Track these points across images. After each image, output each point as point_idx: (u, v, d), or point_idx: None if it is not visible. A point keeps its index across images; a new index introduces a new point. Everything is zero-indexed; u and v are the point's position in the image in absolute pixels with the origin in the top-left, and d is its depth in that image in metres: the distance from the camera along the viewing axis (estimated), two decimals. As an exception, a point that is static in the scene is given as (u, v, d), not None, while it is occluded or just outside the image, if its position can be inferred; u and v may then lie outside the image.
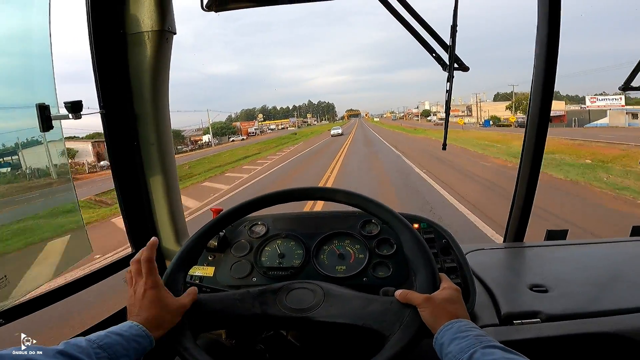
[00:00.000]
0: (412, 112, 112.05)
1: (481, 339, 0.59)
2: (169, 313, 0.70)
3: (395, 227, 0.80)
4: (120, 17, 1.05)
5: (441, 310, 0.66)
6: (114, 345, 0.60)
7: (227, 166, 18.78)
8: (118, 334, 0.62)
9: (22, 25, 1.11)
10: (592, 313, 0.89)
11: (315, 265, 1.00)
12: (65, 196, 1.28)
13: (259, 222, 1.10)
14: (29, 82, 1.15)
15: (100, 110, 1.04)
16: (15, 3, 1.11)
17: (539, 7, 1.17)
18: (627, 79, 1.23)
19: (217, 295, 0.83)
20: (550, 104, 1.21)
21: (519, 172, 1.32)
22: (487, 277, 1.04)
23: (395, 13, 1.11)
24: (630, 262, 1.13)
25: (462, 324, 0.64)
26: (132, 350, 0.62)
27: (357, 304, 0.75)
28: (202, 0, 1.13)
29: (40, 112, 0.93)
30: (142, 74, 1.06)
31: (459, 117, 58.57)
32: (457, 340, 0.60)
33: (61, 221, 1.23)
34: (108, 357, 0.59)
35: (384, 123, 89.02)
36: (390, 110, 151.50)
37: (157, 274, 0.73)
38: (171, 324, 0.70)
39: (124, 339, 0.62)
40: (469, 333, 0.61)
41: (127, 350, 0.61)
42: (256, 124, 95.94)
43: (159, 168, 1.14)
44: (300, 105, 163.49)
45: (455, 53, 1.10)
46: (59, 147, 1.24)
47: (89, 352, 0.57)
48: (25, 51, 1.13)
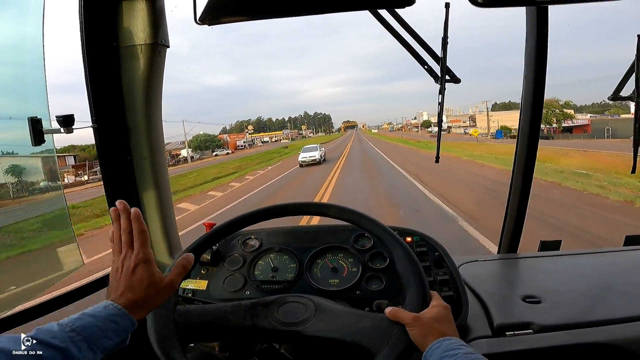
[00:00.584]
0: (411, 123, 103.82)
1: (470, 357, 0.60)
2: (158, 292, 0.66)
3: (387, 242, 0.80)
4: (113, 29, 1.05)
5: (429, 329, 0.67)
6: (88, 328, 0.58)
7: (183, 193, 13.79)
8: (91, 315, 0.59)
9: (15, 34, 1.11)
10: (584, 323, 0.89)
11: (308, 278, 1.01)
12: (56, 208, 1.27)
13: (253, 236, 1.11)
14: (21, 92, 1.15)
15: (93, 125, 1.04)
16: (8, 13, 1.11)
17: (527, 19, 1.19)
18: (616, 89, 1.25)
19: (208, 307, 0.83)
20: (541, 115, 1.23)
21: (511, 184, 1.33)
22: (480, 289, 1.04)
23: (388, 26, 1.13)
24: (622, 272, 1.14)
25: (451, 342, 0.64)
26: (111, 331, 0.59)
27: (347, 320, 0.75)
28: (195, 14, 1.13)
29: (32, 125, 0.93)
30: (135, 88, 1.06)
31: (473, 128, 52.71)
32: (445, 358, 0.61)
33: (51, 233, 1.23)
34: (84, 339, 0.56)
35: (382, 135, 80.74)
36: (387, 121, 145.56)
37: (149, 246, 0.69)
38: (157, 303, 0.67)
39: (98, 320, 0.59)
40: (458, 351, 0.61)
41: (104, 331, 0.59)
42: (246, 136, 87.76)
43: (152, 182, 1.14)
44: (296, 116, 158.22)
45: (446, 65, 1.12)
46: (50, 159, 1.24)
47: (62, 337, 0.55)
48: (18, 61, 1.13)
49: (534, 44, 1.18)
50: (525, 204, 1.32)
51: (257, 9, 1.02)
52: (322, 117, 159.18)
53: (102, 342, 0.58)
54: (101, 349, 0.58)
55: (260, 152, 43.74)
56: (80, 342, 0.56)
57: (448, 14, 1.11)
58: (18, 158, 1.30)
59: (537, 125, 1.24)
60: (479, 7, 0.94)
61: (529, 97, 1.22)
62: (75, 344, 0.55)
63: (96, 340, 0.58)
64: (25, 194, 1.40)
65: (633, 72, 1.17)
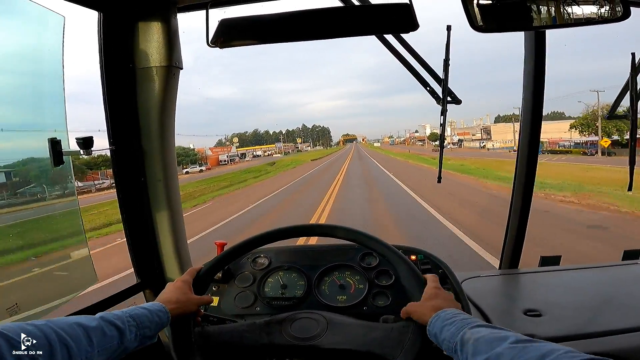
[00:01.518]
0: (415, 137, 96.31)
1: (467, 321, 0.67)
2: (187, 300, 0.82)
3: (392, 260, 0.84)
4: (129, 50, 1.08)
5: (426, 308, 0.75)
6: (141, 316, 0.72)
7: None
8: (145, 308, 0.74)
9: (36, 51, 1.15)
10: (582, 335, 0.93)
11: (317, 295, 1.04)
12: (71, 223, 1.30)
13: (262, 254, 1.14)
14: (39, 104, 1.18)
15: (110, 147, 1.07)
16: (30, 29, 1.14)
17: (526, 43, 1.24)
18: (611, 107, 1.29)
19: (224, 327, 0.87)
20: (539, 135, 1.27)
21: (512, 202, 1.37)
22: (483, 304, 1.07)
23: (392, 49, 1.17)
24: (620, 286, 1.18)
25: (447, 312, 0.71)
26: (154, 323, 0.73)
27: (359, 332, 0.80)
28: (207, 36, 1.18)
29: (52, 146, 0.96)
30: (150, 110, 1.10)
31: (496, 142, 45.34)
32: (446, 327, 0.68)
33: (67, 250, 1.25)
34: (136, 325, 0.70)
35: (385, 149, 70.68)
36: (388, 135, 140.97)
37: (190, 279, 0.86)
38: (186, 306, 0.81)
39: (149, 312, 0.74)
40: (455, 318, 0.69)
41: (150, 322, 0.73)
42: (233, 149, 75.78)
43: (165, 203, 1.17)
44: (294, 129, 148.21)
45: (448, 86, 1.16)
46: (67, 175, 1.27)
47: (123, 319, 0.69)
48: (38, 76, 1.17)
49: (532, 66, 1.22)
50: (526, 221, 1.36)
51: (266, 34, 1.06)
52: (320, 130, 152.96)
53: (145, 332, 0.71)
54: (141, 337, 0.71)
55: (242, 169, 36.18)
56: (133, 326, 0.70)
57: (450, 36, 1.16)
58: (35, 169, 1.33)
59: (536, 144, 1.28)
60: (480, 32, 0.99)
61: (527, 117, 1.26)
62: (130, 328, 0.69)
63: (143, 328, 0.71)
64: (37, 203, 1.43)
65: (627, 90, 1.21)
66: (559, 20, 1.01)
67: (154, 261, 1.21)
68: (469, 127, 72.08)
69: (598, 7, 0.96)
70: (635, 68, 1.19)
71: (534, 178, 1.30)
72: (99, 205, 13.47)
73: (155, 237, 1.19)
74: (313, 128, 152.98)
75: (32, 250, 1.14)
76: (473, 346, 0.61)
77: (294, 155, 77.39)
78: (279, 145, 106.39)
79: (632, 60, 1.18)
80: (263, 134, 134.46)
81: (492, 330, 0.62)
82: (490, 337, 0.60)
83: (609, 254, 4.87)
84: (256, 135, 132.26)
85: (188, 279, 0.86)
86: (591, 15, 0.99)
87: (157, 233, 1.19)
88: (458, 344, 0.63)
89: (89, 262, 1.18)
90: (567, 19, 1.00)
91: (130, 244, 1.17)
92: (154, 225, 1.18)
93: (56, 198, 1.30)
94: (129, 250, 1.18)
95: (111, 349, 0.66)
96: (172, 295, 0.81)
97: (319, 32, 1.03)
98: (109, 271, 5.16)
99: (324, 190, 14.01)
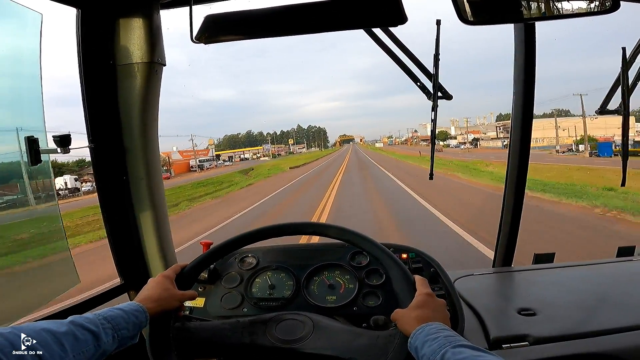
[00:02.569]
0: (418, 136, 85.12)
1: (450, 340, 0.63)
2: (169, 296, 0.79)
3: (383, 261, 0.82)
4: (109, 47, 1.06)
5: (411, 318, 0.71)
6: (116, 318, 0.69)
7: None
8: (119, 309, 0.71)
9: (13, 49, 1.12)
10: (578, 334, 0.91)
11: (305, 295, 1.01)
12: (50, 223, 1.27)
13: (249, 254, 1.12)
14: (17, 104, 1.15)
15: (89, 145, 1.04)
16: (6, 27, 1.12)
17: (515, 36, 1.23)
18: (603, 102, 1.28)
19: (206, 324, 0.85)
20: (530, 131, 1.26)
21: (504, 200, 1.35)
22: (476, 303, 1.05)
23: (381, 43, 1.15)
24: (614, 283, 1.16)
25: (432, 327, 0.67)
26: (131, 324, 0.70)
27: (344, 338, 0.77)
28: (191, 32, 1.15)
29: (29, 145, 0.93)
30: (132, 107, 1.07)
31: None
32: (428, 342, 0.64)
33: (46, 249, 1.22)
34: (112, 327, 0.67)
35: (389, 151, 57.99)
36: (387, 135, 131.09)
37: (173, 274, 0.84)
38: (168, 303, 0.78)
39: (124, 313, 0.71)
40: (439, 334, 0.65)
41: (127, 323, 0.70)
42: (211, 152, 61.58)
43: (149, 202, 1.14)
44: (289, 130, 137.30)
45: (439, 82, 1.14)
46: (45, 174, 1.23)
47: (95, 322, 0.66)
48: (15, 74, 1.14)
49: (523, 59, 1.21)
50: (518, 219, 1.34)
51: (252, 29, 1.04)
52: (316, 131, 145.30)
53: (122, 333, 0.69)
54: (119, 339, 0.68)
55: (194, 181, 26.13)
56: (108, 329, 0.67)
57: (439, 31, 1.14)
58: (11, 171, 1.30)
59: (528, 140, 1.27)
60: (469, 25, 0.97)
61: (518, 113, 1.25)
62: (105, 330, 0.66)
63: (120, 330, 0.68)
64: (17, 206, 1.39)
65: (619, 85, 1.20)
66: (548, 12, 1.00)
67: (137, 261, 1.18)
68: (486, 125, 67.25)
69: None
70: (627, 62, 1.18)
71: (526, 174, 1.29)
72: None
73: (138, 236, 1.17)
74: (308, 129, 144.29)
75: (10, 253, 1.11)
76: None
77: (282, 159, 64.07)
78: (267, 147, 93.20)
79: (622, 55, 1.17)
80: (256, 135, 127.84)
81: (474, 353, 0.59)
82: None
83: None
84: (249, 137, 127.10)
85: (171, 274, 0.84)
86: (580, 7, 0.98)
87: (141, 232, 1.16)
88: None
89: (69, 263, 1.15)
90: (556, 11, 0.99)
91: (112, 243, 1.15)
92: (138, 224, 1.15)
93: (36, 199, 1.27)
94: (111, 251, 1.15)
95: (88, 352, 0.63)
96: (153, 292, 0.78)
97: (306, 27, 1.01)
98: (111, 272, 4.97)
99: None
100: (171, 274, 0.84)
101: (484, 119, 61.66)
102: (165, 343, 0.76)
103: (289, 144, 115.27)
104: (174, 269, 0.85)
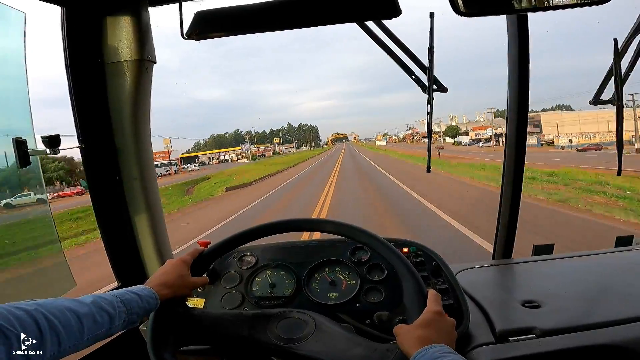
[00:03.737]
0: (419, 133, 74.44)
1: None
2: (182, 283, 0.80)
3: (385, 255, 0.80)
4: (97, 45, 1.04)
5: (413, 338, 0.65)
6: (132, 302, 0.70)
7: None
8: (135, 293, 0.72)
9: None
10: (585, 326, 0.90)
11: (307, 293, 1.00)
12: (43, 226, 1.24)
13: (248, 252, 1.10)
14: (3, 107, 1.12)
15: (80, 145, 1.02)
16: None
17: (508, 28, 1.23)
18: (596, 92, 1.29)
19: (210, 312, 0.85)
20: (526, 123, 1.26)
21: (502, 192, 1.35)
22: (479, 296, 1.04)
23: (375, 37, 1.14)
24: (616, 274, 1.16)
25: (436, 349, 0.61)
26: (143, 309, 0.72)
27: (342, 345, 0.75)
28: (182, 29, 1.14)
29: (17, 147, 0.91)
30: (122, 105, 1.05)
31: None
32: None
33: (39, 253, 1.19)
34: (126, 310, 0.68)
35: (402, 152, 39.26)
36: (382, 132, 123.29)
37: (190, 259, 0.84)
38: (180, 290, 0.79)
39: (139, 298, 0.72)
40: (444, 358, 0.60)
41: (140, 307, 0.71)
42: (173, 155, 48.65)
43: (143, 202, 1.12)
44: (278, 129, 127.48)
45: (433, 75, 1.14)
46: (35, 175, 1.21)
47: (113, 304, 0.66)
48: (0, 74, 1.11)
49: (516, 51, 1.21)
50: (517, 211, 1.34)
51: (244, 24, 1.03)
52: (307, 129, 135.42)
53: (133, 317, 0.70)
54: (128, 323, 0.69)
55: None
56: (122, 312, 0.67)
57: (433, 23, 1.14)
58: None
59: (524, 132, 1.27)
60: (463, 16, 0.97)
61: (514, 105, 1.25)
62: (119, 314, 0.67)
63: (132, 314, 0.69)
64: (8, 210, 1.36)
65: (612, 76, 1.20)
66: (539, 4, 1.00)
67: (134, 263, 1.16)
68: (474, 122, 61.91)
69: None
70: (618, 53, 1.19)
71: (523, 166, 1.29)
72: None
73: (134, 237, 1.14)
74: (299, 127, 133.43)
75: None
76: None
77: (253, 164, 46.61)
78: (246, 148, 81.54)
79: (614, 46, 1.18)
80: (244, 135, 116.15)
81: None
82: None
83: None
84: (237, 136, 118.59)
85: (188, 259, 0.84)
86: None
87: (136, 233, 1.14)
88: None
89: (65, 267, 1.12)
90: (547, 3, 0.99)
91: (107, 245, 1.12)
92: (133, 224, 1.13)
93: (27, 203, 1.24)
94: (107, 253, 1.13)
95: (99, 336, 0.64)
96: (168, 278, 0.79)
97: (299, 21, 1.00)
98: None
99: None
100: (189, 259, 0.84)
101: (484, 115, 57.62)
102: (165, 326, 0.77)
103: (274, 143, 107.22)
104: (192, 253, 0.86)
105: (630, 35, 1.14)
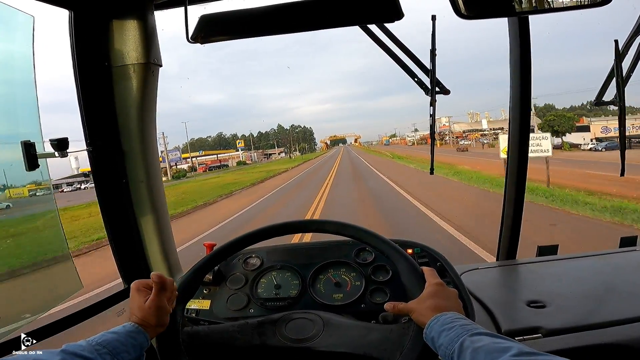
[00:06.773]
0: (452, 132, 60.09)
1: (467, 328, 0.62)
2: (165, 315, 0.73)
3: (390, 255, 0.81)
4: (104, 49, 1.04)
5: (425, 308, 0.69)
6: (112, 342, 0.65)
7: None
8: (112, 333, 0.67)
9: (4, 53, 1.10)
10: (590, 325, 0.91)
11: (312, 294, 1.01)
12: (51, 230, 1.25)
13: (253, 254, 1.11)
14: (12, 111, 1.13)
15: (87, 148, 1.03)
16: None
17: (510, 30, 1.24)
18: (598, 94, 1.30)
19: (215, 327, 0.83)
20: (529, 123, 1.27)
21: (505, 194, 1.36)
22: (484, 296, 1.05)
23: (377, 40, 1.15)
24: (621, 274, 1.16)
25: (447, 316, 0.66)
26: (130, 346, 0.67)
27: (356, 333, 0.75)
28: (187, 32, 1.15)
29: (26, 149, 0.92)
30: (129, 109, 1.06)
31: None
32: (445, 332, 0.63)
33: (47, 256, 1.20)
34: (108, 352, 0.63)
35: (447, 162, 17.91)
36: (388, 134, 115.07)
37: (164, 297, 0.75)
38: (165, 322, 0.73)
39: (119, 336, 0.67)
40: (455, 323, 0.64)
41: (125, 345, 0.66)
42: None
43: (149, 205, 1.12)
44: (267, 131, 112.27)
45: (436, 77, 1.14)
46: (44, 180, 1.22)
47: (90, 349, 0.62)
48: (8, 80, 1.12)
49: (518, 53, 1.22)
50: (521, 212, 1.35)
51: (248, 27, 1.04)
52: (301, 131, 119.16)
53: (123, 356, 0.65)
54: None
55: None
56: (105, 354, 0.63)
57: (435, 26, 1.15)
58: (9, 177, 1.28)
59: (527, 132, 1.27)
60: (464, 19, 0.98)
61: (516, 107, 1.26)
62: (102, 356, 0.62)
63: (118, 354, 0.64)
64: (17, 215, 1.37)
65: (613, 77, 1.21)
66: (541, 6, 1.01)
67: (141, 265, 1.16)
68: (476, 124, 57.39)
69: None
70: (619, 55, 1.20)
71: (526, 166, 1.29)
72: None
73: (141, 240, 1.15)
74: (292, 129, 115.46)
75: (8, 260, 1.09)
76: (471, 355, 0.57)
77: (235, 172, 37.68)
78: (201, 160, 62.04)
79: (615, 47, 1.18)
80: (229, 138, 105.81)
81: (494, 340, 0.58)
82: (490, 347, 0.56)
83: None
84: (220, 140, 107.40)
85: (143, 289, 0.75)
86: (572, 0, 0.99)
87: (143, 236, 1.14)
88: (456, 351, 0.59)
89: (72, 269, 1.13)
90: (547, 5, 1.00)
91: (114, 248, 1.13)
92: (139, 228, 1.14)
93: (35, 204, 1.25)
94: (114, 255, 1.13)
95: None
96: (149, 319, 0.71)
97: (302, 24, 1.01)
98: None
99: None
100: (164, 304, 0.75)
101: (485, 118, 54.11)
102: (175, 348, 0.74)
103: (265, 148, 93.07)
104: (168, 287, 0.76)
105: (631, 36, 1.15)
